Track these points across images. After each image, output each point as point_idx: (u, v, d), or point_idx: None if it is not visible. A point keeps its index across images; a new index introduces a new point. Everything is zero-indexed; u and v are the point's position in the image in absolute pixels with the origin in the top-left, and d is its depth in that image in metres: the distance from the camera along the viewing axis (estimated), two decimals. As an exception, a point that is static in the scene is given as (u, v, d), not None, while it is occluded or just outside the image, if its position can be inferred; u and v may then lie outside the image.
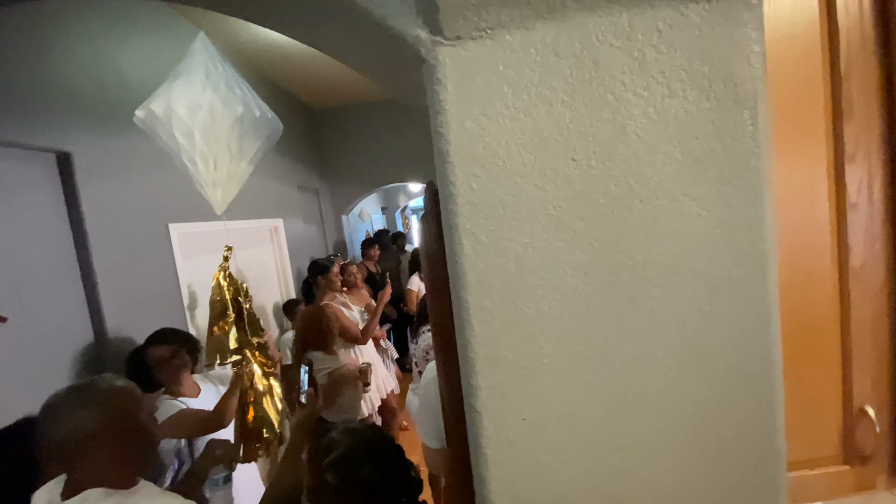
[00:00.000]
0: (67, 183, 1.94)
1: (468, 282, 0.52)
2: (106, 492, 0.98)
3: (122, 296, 2.10)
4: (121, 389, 1.06)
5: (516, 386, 0.54)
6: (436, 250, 0.73)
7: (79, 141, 1.98)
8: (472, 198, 0.51)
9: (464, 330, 0.53)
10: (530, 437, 0.55)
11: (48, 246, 1.85)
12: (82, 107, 2.03)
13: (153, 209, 2.40)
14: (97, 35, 2.16)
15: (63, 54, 1.95)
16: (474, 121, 0.51)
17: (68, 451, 0.97)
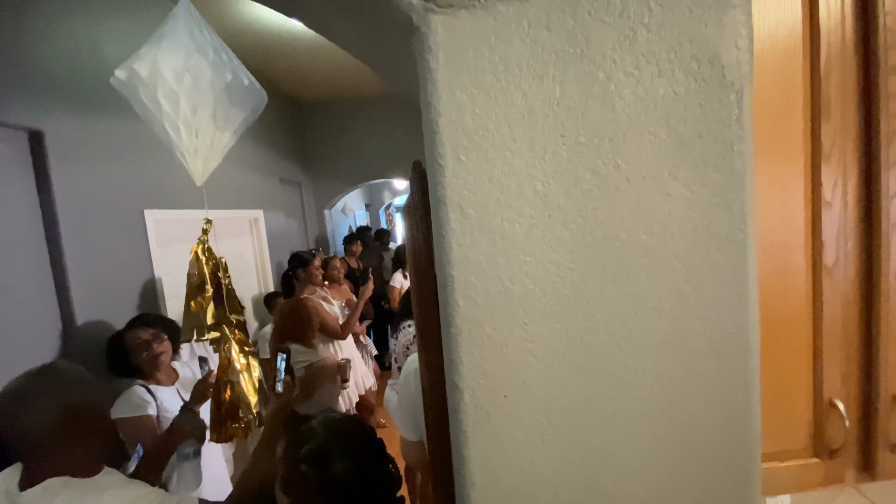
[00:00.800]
0: (39, 163, 1.86)
1: (453, 256, 0.51)
2: (67, 481, 0.94)
3: (93, 283, 2.03)
4: (74, 377, 1.02)
5: (498, 363, 0.53)
6: (422, 227, 0.72)
7: (52, 120, 1.91)
8: (460, 170, 0.50)
9: (447, 305, 0.53)
10: (510, 415, 0.54)
11: (16, 228, 1.77)
12: (57, 85, 1.96)
13: (128, 194, 2.33)
14: (74, 12, 2.09)
15: (39, 31, 1.88)
16: (464, 92, 0.50)
17: (22, 441, 0.93)
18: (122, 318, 2.05)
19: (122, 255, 2.25)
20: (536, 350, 0.54)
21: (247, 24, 3.34)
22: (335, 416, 0.88)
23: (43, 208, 1.88)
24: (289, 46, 3.79)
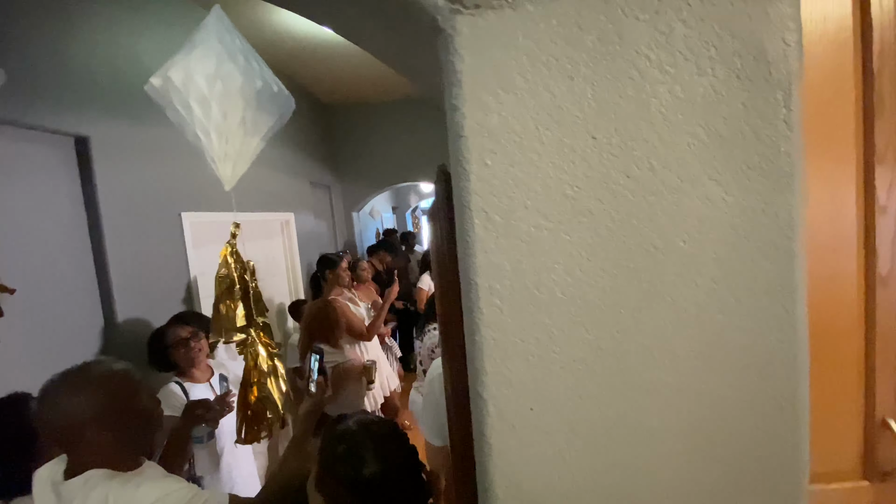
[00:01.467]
0: (84, 167, 1.96)
1: (478, 262, 0.50)
2: (108, 473, 0.97)
3: (133, 282, 2.12)
4: (116, 373, 1.05)
5: (524, 373, 0.52)
6: (447, 232, 0.71)
7: (97, 126, 2.00)
8: (486, 174, 0.49)
9: (472, 313, 0.51)
10: (536, 427, 0.52)
11: (63, 228, 1.87)
12: (100, 93, 2.06)
13: (166, 197, 2.42)
14: (115, 24, 2.19)
15: (83, 42, 1.98)
16: (490, 94, 0.49)
17: (65, 434, 0.97)
18: (159, 316, 2.13)
19: (160, 256, 2.34)
20: (564, 361, 0.52)
21: (278, 31, 3.43)
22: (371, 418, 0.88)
23: (88, 210, 1.97)
24: (318, 53, 3.87)
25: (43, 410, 0.97)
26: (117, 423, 1.00)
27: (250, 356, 0.73)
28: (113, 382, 1.03)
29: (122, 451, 1.02)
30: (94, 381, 1.00)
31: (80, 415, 0.96)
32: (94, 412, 0.97)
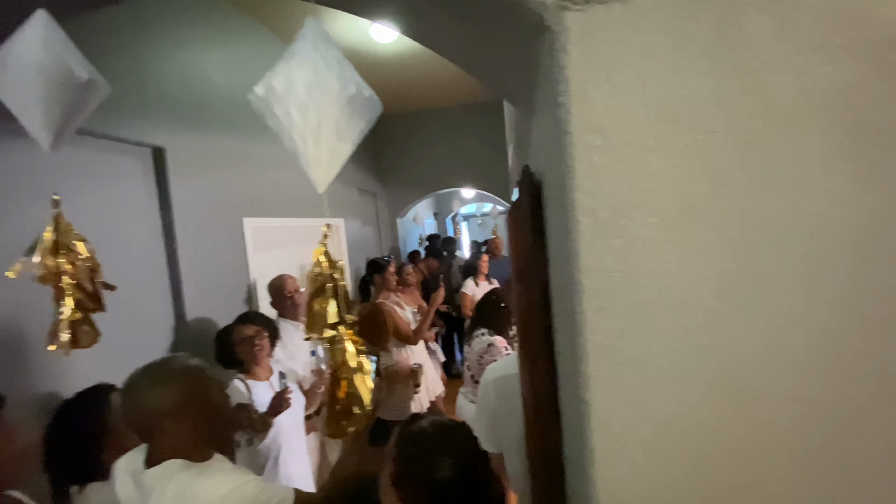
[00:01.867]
0: (160, 175, 2.10)
1: (582, 263, 0.49)
2: (185, 463, 1.02)
3: (200, 283, 2.23)
4: (192, 369, 1.10)
5: (630, 378, 0.50)
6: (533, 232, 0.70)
7: (171, 137, 2.14)
8: (592, 172, 0.48)
9: (575, 315, 0.50)
10: (643, 435, 0.50)
11: (142, 232, 2.00)
12: (174, 106, 2.20)
13: (230, 203, 2.55)
14: (187, 43, 2.34)
15: (159, 60, 2.13)
16: (599, 89, 0.48)
17: (146, 424, 1.02)
18: (222, 316, 2.23)
19: (224, 259, 2.46)
20: (673, 366, 0.49)
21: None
22: (445, 421, 0.88)
23: (162, 215, 2.10)
24: (367, 62, 3.97)
25: (126, 401, 1.03)
26: (192, 415, 1.04)
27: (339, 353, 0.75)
28: (189, 377, 1.08)
29: (195, 442, 1.06)
30: (173, 375, 1.05)
31: (159, 406, 1.01)
32: (171, 404, 1.02)
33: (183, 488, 0.97)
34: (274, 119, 0.65)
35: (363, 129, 0.70)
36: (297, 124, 0.64)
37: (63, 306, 0.84)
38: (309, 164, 0.68)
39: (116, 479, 1.07)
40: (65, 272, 0.83)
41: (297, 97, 0.63)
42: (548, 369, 0.71)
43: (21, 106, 0.80)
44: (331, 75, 0.64)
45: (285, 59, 0.64)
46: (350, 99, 0.65)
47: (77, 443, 1.21)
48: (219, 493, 0.97)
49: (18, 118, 0.81)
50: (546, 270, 0.69)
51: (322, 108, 0.63)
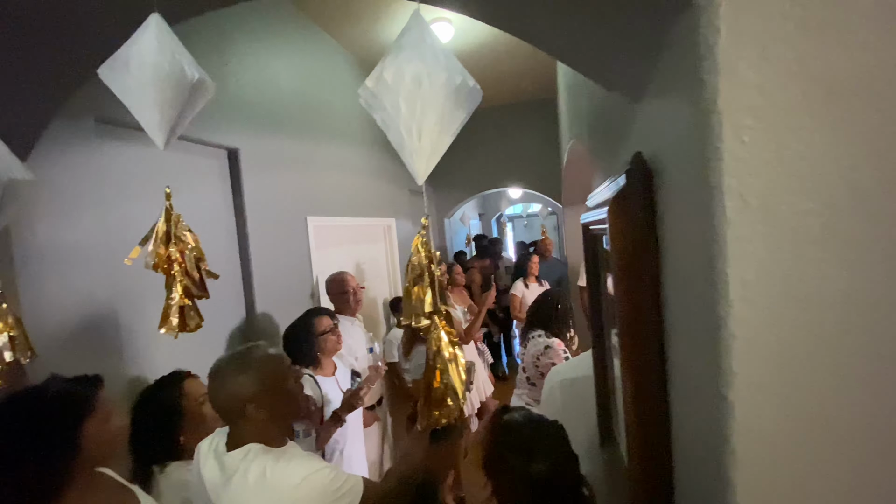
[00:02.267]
0: (234, 175, 2.21)
1: (729, 251, 0.46)
2: (264, 448, 1.06)
3: (268, 278, 2.33)
4: (274, 357, 1.15)
5: (779, 377, 0.46)
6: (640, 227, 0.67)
7: (245, 139, 2.25)
8: (742, 153, 0.45)
9: (717, 307, 0.47)
10: (792, 438, 0.46)
11: (218, 230, 2.12)
12: (247, 110, 2.31)
13: (295, 202, 2.65)
14: (260, 51, 2.45)
15: (236, 67, 2.25)
16: (751, 66, 0.44)
17: (229, 407, 1.07)
18: (287, 311, 2.32)
19: (290, 256, 2.56)
20: (829, 366, 0.45)
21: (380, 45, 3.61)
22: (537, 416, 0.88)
23: (236, 213, 2.22)
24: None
25: (213, 385, 1.09)
26: (272, 401, 1.08)
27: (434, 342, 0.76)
28: (270, 365, 1.12)
29: (273, 428, 1.10)
30: (256, 362, 1.10)
31: (243, 391, 1.05)
32: (254, 390, 1.06)
33: (263, 471, 1.01)
34: (382, 112, 0.66)
35: (464, 120, 0.70)
36: (404, 116, 0.65)
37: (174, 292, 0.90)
38: (412, 155, 0.69)
39: (200, 460, 1.13)
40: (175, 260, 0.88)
41: (406, 89, 0.63)
42: (657, 368, 0.68)
43: (139, 106, 0.86)
44: (438, 66, 0.64)
45: (394, 52, 0.65)
46: (455, 89, 0.65)
47: (155, 425, 1.29)
48: (296, 476, 1.01)
49: (136, 117, 0.87)
50: (658, 263, 0.66)
51: (428, 99, 0.64)
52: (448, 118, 0.67)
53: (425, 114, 0.66)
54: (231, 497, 1.01)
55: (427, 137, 0.68)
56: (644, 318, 0.68)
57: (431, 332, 0.77)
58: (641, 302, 0.68)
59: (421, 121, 0.66)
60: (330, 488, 1.01)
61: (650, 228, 0.66)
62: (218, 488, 1.04)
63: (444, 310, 0.76)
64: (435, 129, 0.67)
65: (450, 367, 0.78)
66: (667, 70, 0.56)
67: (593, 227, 1.12)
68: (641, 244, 0.66)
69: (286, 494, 0.99)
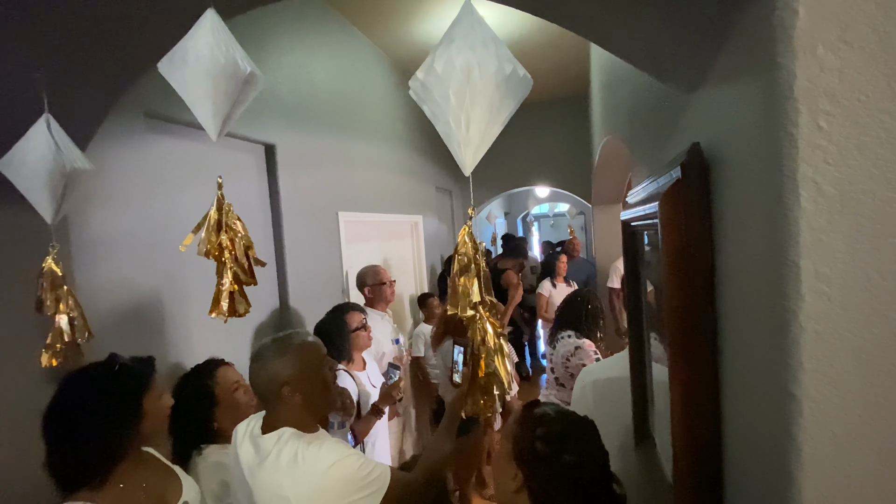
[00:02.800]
0: (271, 170, 2.27)
1: (802, 241, 0.44)
2: (296, 432, 1.09)
3: (300, 271, 2.38)
4: (313, 344, 1.18)
5: (853, 374, 0.44)
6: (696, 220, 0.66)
7: (281, 135, 2.30)
8: (819, 139, 0.43)
9: (787, 300, 0.45)
10: (865, 438, 0.44)
11: (255, 222, 2.18)
12: (284, 106, 2.36)
13: (327, 197, 2.69)
14: (296, 49, 2.51)
15: (273, 65, 2.30)
16: (830, 48, 0.43)
17: (267, 390, 1.10)
18: (318, 303, 2.36)
19: (321, 249, 2.61)
20: (911, 363, 0.43)
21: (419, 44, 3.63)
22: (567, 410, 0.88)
23: (272, 206, 2.27)
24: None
25: (253, 368, 1.12)
26: (308, 386, 1.11)
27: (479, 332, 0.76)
28: (308, 351, 1.15)
29: (307, 414, 1.13)
30: (295, 347, 1.13)
31: (282, 374, 1.08)
32: (292, 374, 1.09)
33: (295, 454, 1.03)
34: (432, 103, 0.66)
35: (513, 109, 0.70)
36: (454, 107, 0.65)
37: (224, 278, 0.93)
38: (460, 146, 0.69)
39: (237, 442, 1.16)
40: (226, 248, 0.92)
41: (456, 79, 0.63)
42: (708, 364, 0.66)
43: (194, 98, 0.89)
44: (488, 55, 0.64)
45: (445, 43, 0.65)
46: (506, 78, 0.65)
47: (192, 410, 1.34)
48: (327, 461, 1.03)
49: (192, 109, 0.90)
50: (713, 257, 0.65)
51: (478, 89, 0.64)
52: (497, 108, 0.67)
53: (474, 104, 0.66)
54: (264, 477, 1.04)
55: (475, 128, 0.68)
56: (696, 314, 0.66)
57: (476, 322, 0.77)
58: (693, 296, 0.66)
59: (469, 111, 0.66)
60: (358, 475, 1.04)
61: (706, 221, 0.64)
62: (253, 469, 1.07)
63: (489, 300, 0.76)
64: (484, 120, 0.67)
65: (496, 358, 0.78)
66: (734, 55, 0.54)
67: (635, 223, 1.10)
68: (696, 237, 0.65)
69: (316, 477, 1.01)
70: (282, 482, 1.01)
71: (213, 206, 0.94)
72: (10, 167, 1.03)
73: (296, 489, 1.00)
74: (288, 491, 1.00)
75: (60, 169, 1.02)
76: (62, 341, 1.08)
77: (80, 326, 1.11)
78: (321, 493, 1.00)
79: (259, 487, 1.04)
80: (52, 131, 1.04)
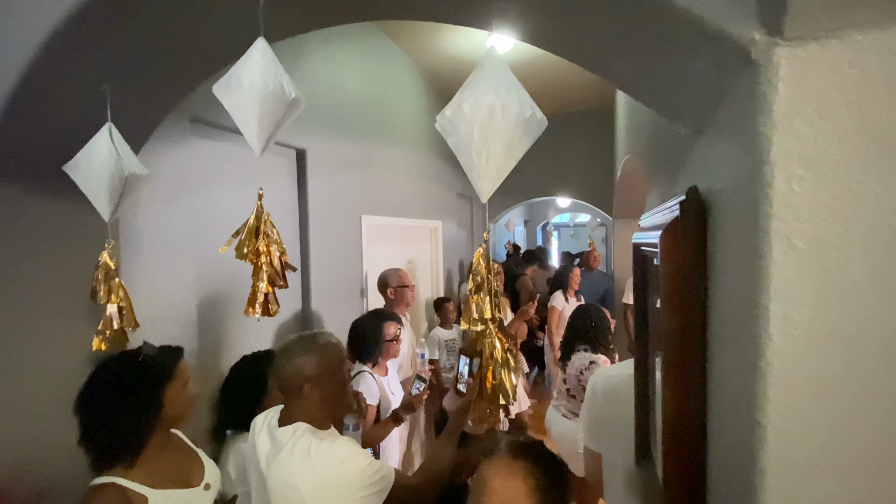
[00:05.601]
0: (301, 174, 2.38)
1: (773, 288, 0.50)
2: (311, 428, 1.16)
3: (324, 273, 2.49)
4: (335, 345, 1.25)
5: (815, 408, 0.50)
6: (690, 258, 0.71)
7: (311, 140, 2.42)
8: (792, 200, 0.49)
9: (758, 339, 0.51)
10: (825, 466, 0.50)
11: (284, 224, 2.29)
12: (316, 113, 2.48)
13: (352, 201, 2.80)
14: (330, 57, 2.62)
15: (308, 73, 2.42)
16: (806, 121, 0.49)
17: (289, 384, 1.17)
18: (336, 305, 2.46)
19: (344, 252, 2.71)
20: (870, 404, 0.49)
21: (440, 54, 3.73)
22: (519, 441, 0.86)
23: (300, 209, 2.39)
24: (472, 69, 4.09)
25: (278, 362, 1.19)
26: (326, 384, 1.18)
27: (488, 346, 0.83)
28: (332, 351, 1.22)
29: (322, 411, 1.20)
30: (320, 346, 1.20)
31: (304, 370, 1.15)
32: (313, 371, 1.16)
33: (308, 448, 1.10)
34: (456, 137, 0.74)
35: (527, 146, 0.77)
36: (476, 142, 0.73)
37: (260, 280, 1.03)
38: (480, 176, 0.77)
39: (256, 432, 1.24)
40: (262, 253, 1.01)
41: (481, 119, 0.71)
42: (698, 390, 0.72)
43: (244, 119, 0.99)
44: (511, 100, 0.71)
45: (472, 85, 0.73)
46: (525, 120, 0.72)
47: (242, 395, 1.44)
48: (337, 457, 1.09)
49: (241, 129, 1.00)
50: (705, 291, 0.70)
51: (499, 128, 0.71)
52: (515, 145, 0.75)
53: (494, 141, 0.73)
54: (279, 467, 1.11)
55: (494, 161, 0.76)
56: (688, 341, 0.72)
57: (486, 336, 0.84)
58: (687, 325, 0.72)
59: (490, 146, 0.74)
60: (366, 473, 1.09)
61: (699, 259, 0.70)
62: (269, 458, 1.14)
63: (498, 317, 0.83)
64: (502, 155, 0.75)
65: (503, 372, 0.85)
66: (726, 114, 0.60)
67: (645, 248, 1.15)
68: (690, 272, 0.71)
69: (327, 471, 1.08)
70: (295, 473, 1.08)
71: (252, 213, 1.04)
72: (76, 170, 1.15)
73: (307, 481, 1.07)
74: (300, 482, 1.06)
75: (119, 173, 1.13)
76: (111, 328, 1.19)
77: (128, 316, 1.22)
78: (330, 487, 1.07)
79: (273, 476, 1.11)
80: (114, 139, 1.15)
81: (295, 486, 1.07)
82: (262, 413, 1.30)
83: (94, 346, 1.22)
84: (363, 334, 2.05)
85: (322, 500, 1.07)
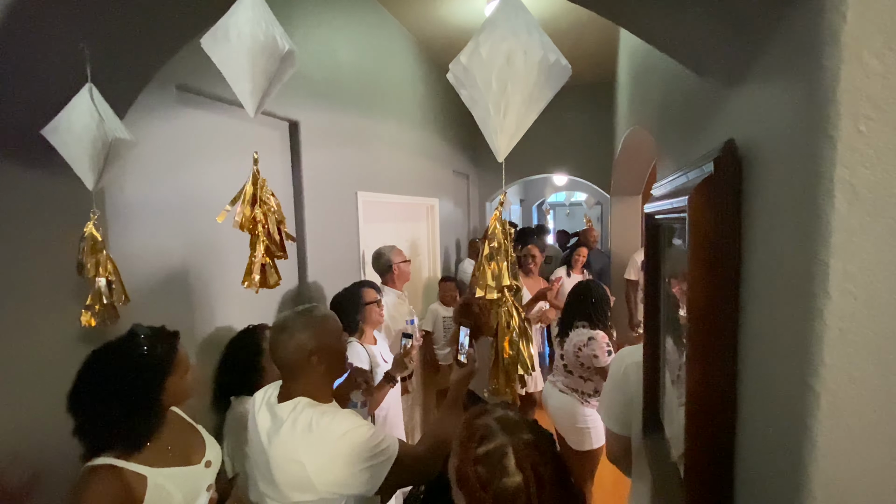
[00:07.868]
0: (294, 147, 2.30)
1: (833, 242, 0.45)
2: (311, 402, 1.14)
3: (319, 248, 2.43)
4: (331, 318, 1.22)
5: (873, 371, 0.46)
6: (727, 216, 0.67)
7: (305, 112, 2.32)
8: (858, 143, 0.44)
9: (814, 298, 0.47)
10: (878, 433, 0.46)
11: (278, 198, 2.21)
12: (309, 84, 2.38)
13: (347, 176, 2.72)
14: (321, 26, 2.50)
15: (299, 40, 2.30)
16: (875, 55, 0.43)
17: (288, 360, 1.14)
18: (333, 281, 2.41)
19: (340, 228, 2.65)
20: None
21: (438, 23, 3.59)
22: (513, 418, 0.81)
23: (294, 183, 2.31)
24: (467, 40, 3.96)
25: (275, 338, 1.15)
26: (330, 355, 1.16)
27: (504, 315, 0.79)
28: (330, 322, 1.20)
29: (322, 385, 1.18)
30: (320, 319, 1.17)
31: (309, 343, 1.12)
32: (317, 343, 1.13)
33: (310, 422, 1.08)
34: (472, 88, 0.68)
35: (549, 97, 0.71)
36: (494, 92, 0.66)
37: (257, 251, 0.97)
38: (495, 132, 0.70)
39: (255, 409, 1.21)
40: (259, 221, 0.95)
41: (500, 65, 0.65)
42: (730, 356, 0.68)
43: (234, 76, 0.92)
44: (533, 44, 0.65)
45: (489, 28, 0.66)
46: (549, 67, 0.66)
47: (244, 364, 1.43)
48: (339, 430, 1.08)
49: (232, 85, 0.92)
50: (740, 253, 0.66)
51: (520, 76, 0.65)
52: (536, 96, 0.68)
53: (515, 90, 0.67)
54: (280, 443, 1.09)
55: (512, 114, 0.70)
56: (718, 307, 0.68)
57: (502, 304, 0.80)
58: (717, 290, 0.68)
59: (510, 97, 0.67)
60: (369, 444, 1.08)
61: (735, 218, 0.65)
62: (270, 435, 1.12)
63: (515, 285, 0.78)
64: (522, 107, 0.69)
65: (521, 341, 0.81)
66: (776, 55, 0.55)
67: (660, 216, 1.11)
68: (725, 232, 0.66)
69: (329, 445, 1.06)
70: (297, 448, 1.06)
71: (248, 180, 0.97)
72: (55, 134, 1.07)
73: (310, 455, 1.05)
74: (302, 456, 1.05)
75: (102, 138, 1.05)
76: (101, 303, 1.13)
77: (118, 290, 1.16)
78: (333, 460, 1.05)
79: (276, 452, 1.09)
80: (95, 101, 1.07)
81: (298, 461, 1.05)
82: (261, 389, 1.27)
83: (83, 321, 1.16)
84: (342, 305, 2.03)
85: (326, 473, 1.05)
